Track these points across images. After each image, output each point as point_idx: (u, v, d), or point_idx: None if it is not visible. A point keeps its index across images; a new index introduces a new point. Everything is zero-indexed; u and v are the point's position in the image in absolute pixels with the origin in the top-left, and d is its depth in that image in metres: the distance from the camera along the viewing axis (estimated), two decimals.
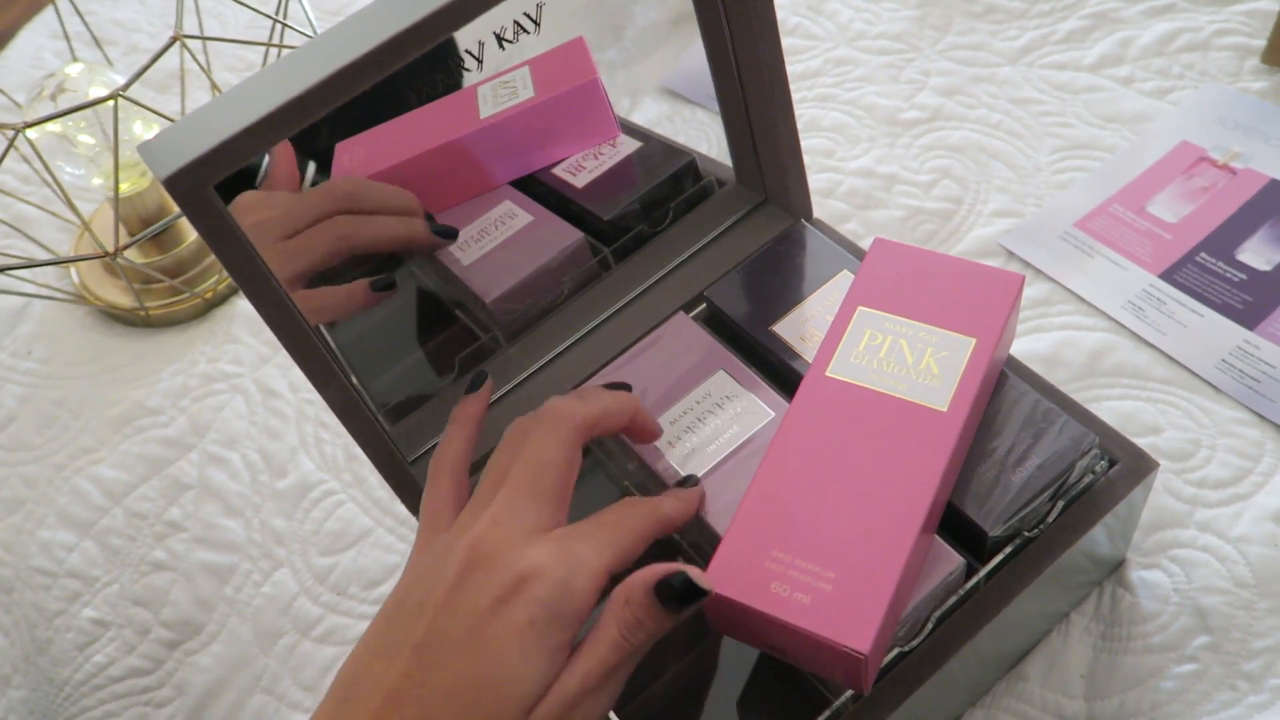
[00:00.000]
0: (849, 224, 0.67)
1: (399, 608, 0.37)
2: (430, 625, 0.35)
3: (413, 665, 0.35)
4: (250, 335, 0.70)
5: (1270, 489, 0.51)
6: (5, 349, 0.73)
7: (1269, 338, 0.56)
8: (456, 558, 0.36)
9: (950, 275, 0.44)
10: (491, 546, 0.36)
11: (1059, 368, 0.57)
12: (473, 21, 0.37)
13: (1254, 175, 0.64)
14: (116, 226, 0.63)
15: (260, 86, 0.36)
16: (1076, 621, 0.49)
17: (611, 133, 0.53)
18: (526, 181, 0.52)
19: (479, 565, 0.36)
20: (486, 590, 0.35)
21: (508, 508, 0.37)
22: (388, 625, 0.37)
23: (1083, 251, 0.63)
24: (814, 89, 0.75)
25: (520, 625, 0.35)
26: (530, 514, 0.37)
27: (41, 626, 0.60)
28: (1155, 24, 0.73)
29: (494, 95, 0.50)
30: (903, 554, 0.36)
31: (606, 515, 0.38)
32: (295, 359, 0.41)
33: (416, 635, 0.35)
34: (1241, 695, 0.46)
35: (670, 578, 0.35)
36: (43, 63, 0.93)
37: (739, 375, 0.46)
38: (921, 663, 0.40)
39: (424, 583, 0.37)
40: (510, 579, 0.35)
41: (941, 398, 0.40)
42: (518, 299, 0.51)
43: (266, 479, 0.63)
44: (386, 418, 0.51)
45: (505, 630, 0.35)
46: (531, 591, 0.35)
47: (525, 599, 0.35)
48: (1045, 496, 0.41)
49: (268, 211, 0.44)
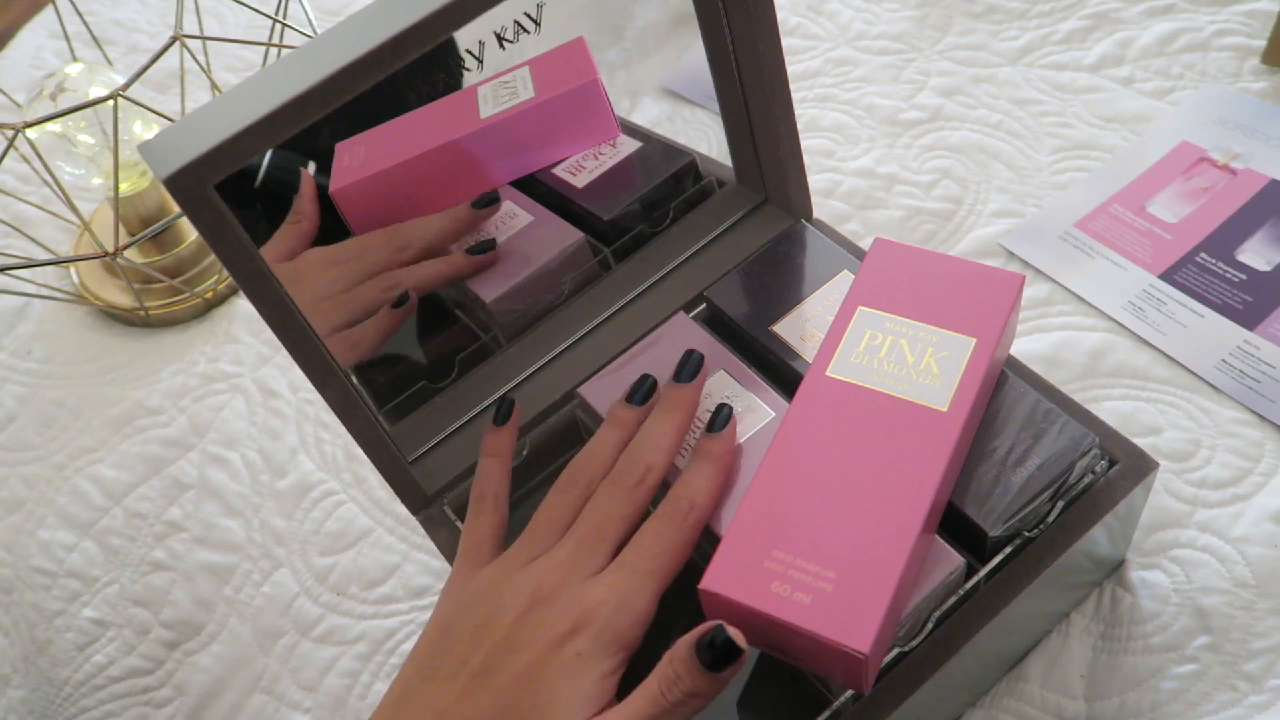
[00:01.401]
0: (849, 224, 0.67)
1: (447, 634, 0.39)
2: (488, 655, 0.38)
3: (467, 690, 0.37)
4: (250, 335, 0.70)
5: (1270, 489, 0.51)
6: (5, 349, 0.73)
7: (1269, 338, 0.56)
8: (522, 595, 0.39)
9: (950, 275, 0.44)
10: (555, 586, 0.39)
11: (1059, 368, 0.57)
12: (473, 21, 0.37)
13: (1254, 175, 0.64)
14: (116, 226, 0.63)
15: (260, 86, 0.36)
16: (1076, 621, 0.49)
17: (611, 133, 0.53)
18: (526, 181, 0.52)
19: (541, 603, 0.38)
20: (546, 629, 0.37)
21: (572, 555, 0.40)
22: (439, 651, 0.39)
23: (1083, 252, 0.63)
24: (814, 89, 0.75)
25: (570, 659, 0.37)
26: (593, 562, 0.39)
27: (41, 626, 0.60)
28: (1155, 24, 0.73)
29: (494, 95, 0.50)
30: (903, 554, 0.36)
31: (647, 538, 0.40)
32: (295, 359, 0.41)
33: (474, 664, 0.38)
34: (1241, 695, 0.46)
35: (707, 635, 0.36)
36: (43, 62, 0.93)
37: (739, 375, 0.46)
38: (921, 663, 0.40)
39: (477, 613, 0.39)
40: (569, 621, 0.37)
41: (941, 398, 0.40)
42: (518, 299, 0.51)
43: (266, 479, 0.63)
44: (386, 418, 0.51)
45: (559, 665, 0.37)
46: (586, 631, 0.37)
47: (580, 636, 0.37)
48: (1045, 496, 0.41)
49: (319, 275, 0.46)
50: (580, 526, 0.41)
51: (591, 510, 0.41)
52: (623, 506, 0.41)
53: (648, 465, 0.42)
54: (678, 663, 0.36)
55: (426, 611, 0.56)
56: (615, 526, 0.40)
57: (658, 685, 0.36)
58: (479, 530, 0.43)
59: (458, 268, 0.51)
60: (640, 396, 0.45)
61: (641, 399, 0.44)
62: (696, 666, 0.35)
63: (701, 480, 0.41)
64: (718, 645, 0.35)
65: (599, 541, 0.40)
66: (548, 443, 0.50)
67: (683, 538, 0.40)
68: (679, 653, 0.36)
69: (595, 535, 0.40)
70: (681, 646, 0.36)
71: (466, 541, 0.43)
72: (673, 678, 0.36)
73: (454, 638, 0.39)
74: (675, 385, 0.44)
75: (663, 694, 0.36)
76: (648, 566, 0.39)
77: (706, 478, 0.41)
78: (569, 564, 0.39)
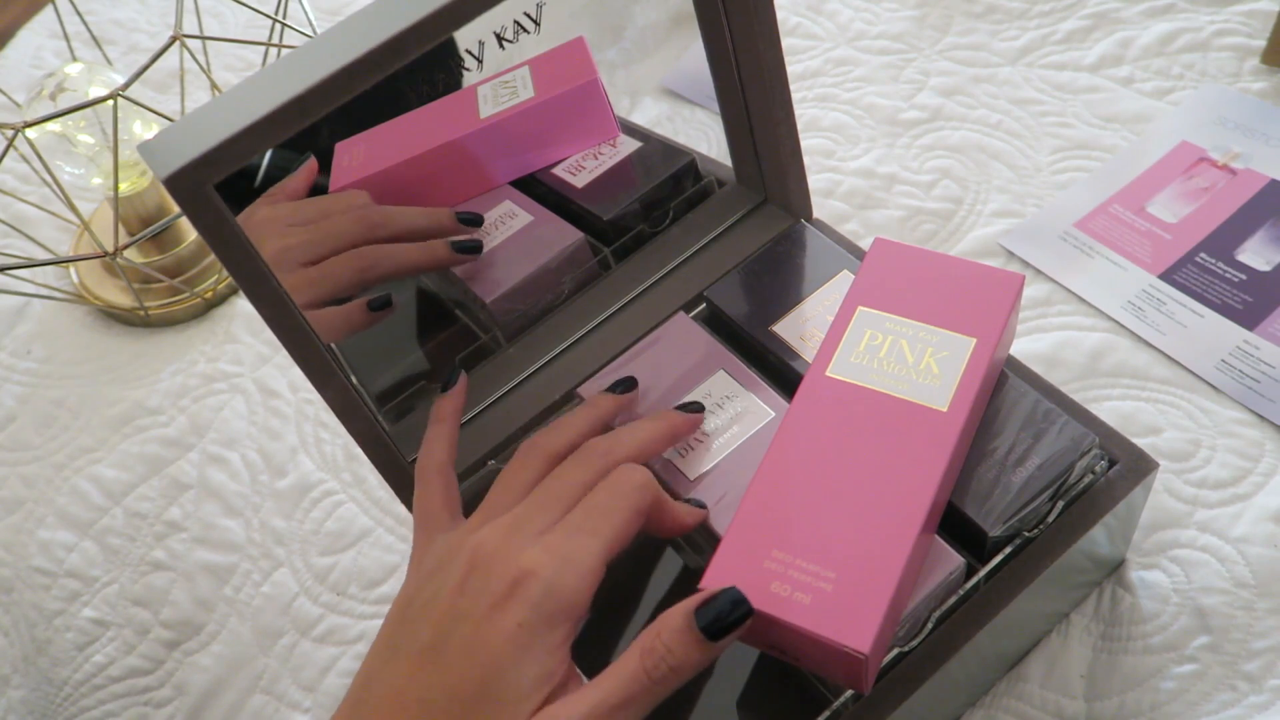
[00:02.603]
0: (849, 224, 0.67)
1: (405, 611, 0.38)
2: (435, 629, 0.36)
3: (417, 669, 0.35)
4: (250, 335, 0.70)
5: (1270, 489, 0.51)
6: (5, 349, 0.73)
7: (1269, 338, 0.56)
8: (461, 562, 0.37)
9: (950, 275, 0.44)
10: (491, 550, 0.37)
11: (1059, 368, 0.57)
12: (473, 21, 0.37)
13: (1254, 175, 0.64)
14: (116, 226, 0.63)
15: (260, 86, 0.36)
16: (1076, 621, 0.49)
17: (611, 133, 0.53)
18: (526, 181, 0.52)
19: (478, 569, 0.36)
20: (485, 594, 0.36)
21: (516, 517, 0.38)
22: (396, 629, 0.37)
23: (1083, 252, 0.63)
24: (814, 89, 0.75)
25: (511, 628, 0.35)
26: (537, 524, 0.38)
27: (41, 626, 0.60)
28: (1155, 24, 0.73)
29: (494, 95, 0.50)
30: (903, 554, 0.36)
31: (596, 496, 0.38)
32: (295, 359, 0.41)
33: (422, 640, 0.36)
34: (1241, 695, 0.46)
35: (712, 600, 0.34)
36: (42, 62, 0.93)
37: (739, 375, 0.46)
38: (921, 663, 0.40)
39: (429, 586, 0.37)
40: (505, 583, 0.36)
41: (941, 398, 0.40)
42: (518, 299, 0.51)
43: (266, 479, 0.63)
44: (386, 418, 0.51)
45: (499, 633, 0.35)
46: (524, 593, 0.35)
47: (517, 601, 0.35)
48: (1045, 496, 0.41)
49: (290, 239, 0.45)
50: (535, 492, 0.39)
51: (549, 478, 0.40)
52: (579, 474, 0.39)
53: (616, 441, 0.41)
54: (668, 634, 0.34)
55: None
56: (569, 491, 0.39)
57: (639, 661, 0.34)
58: (427, 499, 0.42)
59: (439, 258, 0.50)
60: (620, 388, 0.45)
61: (621, 390, 0.45)
62: (694, 636, 0.34)
63: (629, 431, 0.41)
64: (726, 608, 0.34)
65: (547, 506, 0.38)
66: None
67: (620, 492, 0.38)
68: (671, 623, 0.34)
69: (544, 500, 0.39)
70: (675, 616, 0.34)
71: (418, 512, 0.42)
72: (661, 651, 0.34)
73: (411, 613, 0.37)
74: (677, 410, 0.44)
75: (645, 672, 0.34)
76: (590, 525, 0.37)
77: (634, 429, 0.41)
78: (512, 526, 0.37)
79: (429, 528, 0.41)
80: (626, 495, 0.38)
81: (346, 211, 0.47)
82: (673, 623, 0.34)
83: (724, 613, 0.34)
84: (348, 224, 0.47)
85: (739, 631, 0.35)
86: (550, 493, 0.39)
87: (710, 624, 0.34)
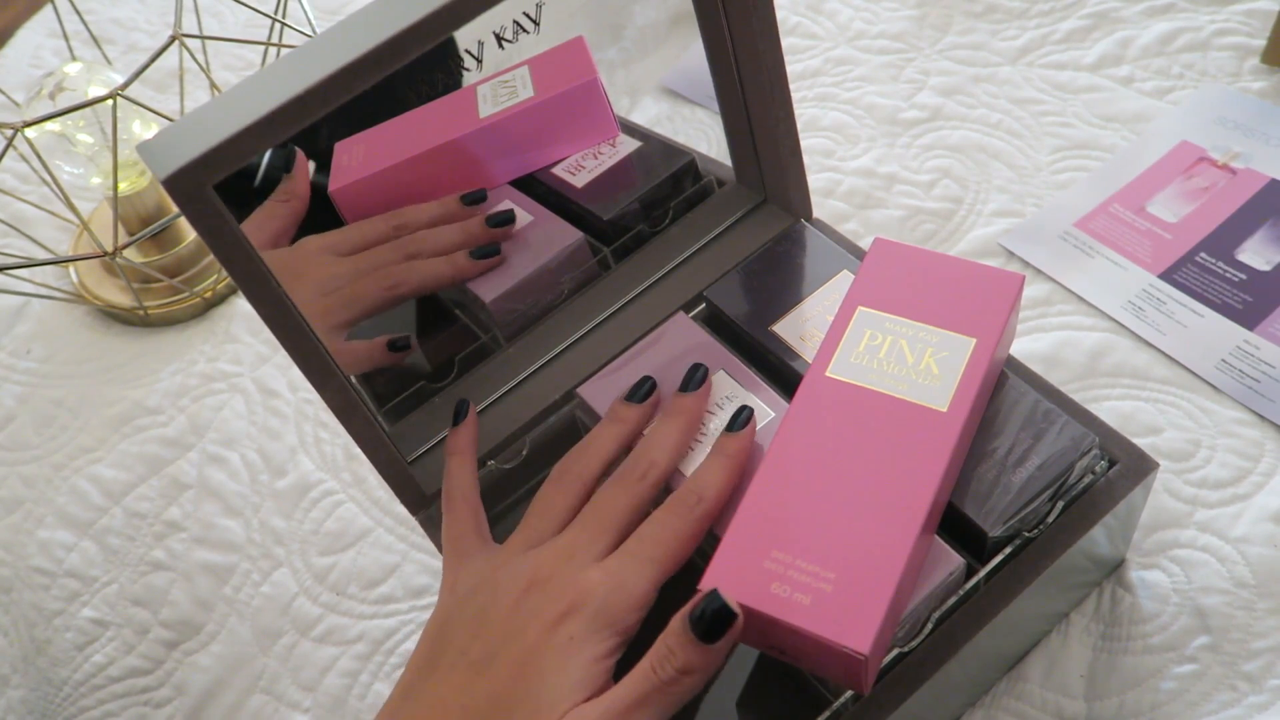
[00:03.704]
0: (849, 224, 0.67)
1: (444, 629, 0.39)
2: (486, 643, 0.37)
3: (465, 680, 0.37)
4: (250, 335, 0.70)
5: (1270, 489, 0.51)
6: (4, 348, 0.73)
7: (1269, 338, 0.56)
8: (520, 581, 0.39)
9: (950, 275, 0.44)
10: (550, 572, 0.38)
11: (1059, 368, 0.57)
12: (472, 21, 0.37)
13: (1254, 175, 0.64)
14: (115, 226, 0.63)
15: (260, 86, 0.36)
16: (1076, 621, 0.49)
17: (611, 132, 0.53)
18: (526, 181, 0.52)
19: (537, 588, 0.38)
20: (542, 613, 0.37)
21: (571, 542, 0.39)
22: (439, 644, 0.39)
23: (1083, 251, 0.63)
24: (814, 89, 0.75)
25: (563, 643, 0.36)
26: (593, 550, 0.39)
27: (40, 626, 0.60)
28: (1155, 24, 0.73)
29: (494, 95, 0.50)
30: (903, 554, 0.36)
31: (654, 527, 0.39)
32: (295, 359, 0.41)
33: (473, 654, 0.38)
34: (1241, 695, 0.46)
35: (699, 605, 0.35)
36: (41, 62, 0.93)
37: (739, 375, 0.46)
38: (921, 663, 0.40)
39: (475, 603, 0.39)
40: (563, 604, 0.37)
41: (941, 398, 0.40)
42: (518, 299, 0.51)
43: (266, 479, 0.63)
44: (386, 418, 0.51)
45: (551, 649, 0.36)
46: (578, 613, 0.37)
47: (571, 619, 0.37)
48: (1045, 497, 0.41)
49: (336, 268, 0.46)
50: (582, 517, 0.41)
51: (594, 503, 0.41)
52: (626, 499, 0.41)
53: (651, 462, 0.42)
54: (670, 637, 0.35)
55: (426, 611, 0.56)
56: (617, 517, 0.40)
57: (649, 663, 0.36)
58: (457, 526, 0.43)
59: (461, 270, 0.50)
60: (640, 395, 0.45)
61: (641, 397, 0.45)
62: (690, 639, 0.35)
63: (713, 475, 0.41)
64: (710, 613, 0.35)
65: (600, 531, 0.40)
66: (548, 443, 0.50)
67: (688, 529, 0.39)
68: (673, 627, 0.36)
69: (596, 524, 0.40)
70: (675, 621, 0.36)
71: (448, 538, 0.43)
72: (665, 653, 0.35)
73: (452, 630, 0.39)
74: (680, 394, 0.44)
75: (654, 670, 0.35)
76: (648, 553, 0.39)
77: (718, 472, 0.41)
78: (568, 550, 0.39)
79: (461, 553, 0.42)
80: (684, 524, 0.39)
81: (384, 238, 0.48)
82: (674, 626, 0.36)
83: (709, 614, 0.35)
84: (387, 252, 0.48)
85: (731, 633, 0.35)
86: (599, 519, 0.40)
87: (699, 624, 0.35)
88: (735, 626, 0.35)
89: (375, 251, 0.48)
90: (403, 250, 0.49)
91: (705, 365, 0.45)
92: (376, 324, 0.50)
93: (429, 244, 0.49)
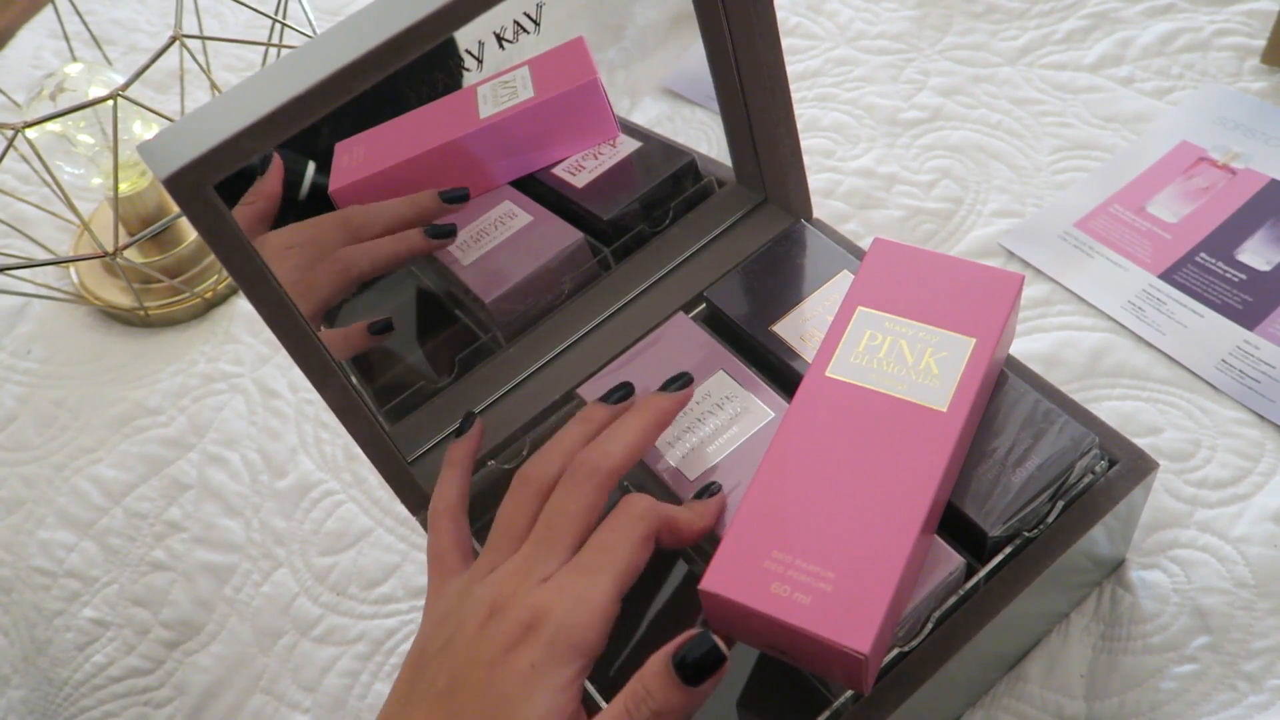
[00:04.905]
0: (849, 224, 0.67)
1: (420, 658, 0.38)
2: (450, 675, 0.37)
3: (433, 712, 0.36)
4: (250, 335, 0.70)
5: (1270, 489, 0.51)
6: (5, 349, 0.73)
7: (1269, 338, 0.56)
8: (479, 609, 0.38)
9: (950, 275, 0.44)
10: (508, 595, 0.37)
11: (1059, 368, 0.57)
12: (472, 21, 0.37)
13: (1254, 175, 0.64)
14: (116, 226, 0.63)
15: (260, 86, 0.36)
16: (1076, 621, 0.49)
17: (611, 133, 0.53)
18: (526, 181, 0.52)
19: (497, 614, 0.37)
20: (499, 638, 0.36)
21: (527, 560, 0.38)
22: (413, 675, 0.38)
23: (1083, 251, 0.63)
24: (814, 89, 0.75)
25: (524, 669, 0.35)
26: (548, 565, 0.38)
27: (41, 626, 0.60)
28: (1155, 24, 0.73)
29: (494, 95, 0.50)
30: (903, 554, 0.36)
31: (602, 534, 0.38)
32: (295, 359, 0.41)
33: (438, 686, 0.37)
34: (1241, 695, 0.46)
35: (683, 648, 0.35)
36: (42, 62, 0.93)
37: (739, 375, 0.46)
38: (921, 663, 0.40)
39: (441, 632, 0.38)
40: (519, 627, 0.36)
41: (941, 398, 0.40)
42: (517, 299, 0.51)
43: (266, 479, 0.63)
44: (386, 418, 0.51)
45: (512, 675, 0.35)
46: (536, 635, 0.36)
47: (530, 643, 0.36)
48: (1045, 496, 0.41)
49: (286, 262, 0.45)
50: (536, 529, 0.39)
51: (547, 511, 0.40)
52: (575, 502, 0.39)
53: (602, 454, 0.40)
54: (648, 678, 0.34)
55: None
56: (569, 524, 0.39)
57: (623, 704, 0.35)
58: (439, 542, 0.42)
59: (413, 246, 0.49)
60: (615, 398, 0.44)
61: (615, 400, 0.43)
62: (672, 680, 0.34)
63: (614, 436, 0.40)
64: (696, 657, 0.34)
65: (553, 543, 0.38)
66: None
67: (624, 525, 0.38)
68: (651, 667, 0.35)
69: (549, 536, 0.39)
70: (655, 661, 0.35)
71: (431, 555, 0.42)
72: (641, 694, 0.34)
73: (427, 658, 0.38)
74: (656, 393, 0.43)
75: (627, 712, 0.34)
76: (598, 562, 0.37)
77: (622, 432, 0.40)
78: (524, 569, 0.38)
79: (441, 572, 0.41)
80: (630, 527, 0.38)
81: (317, 225, 0.47)
82: (653, 666, 0.35)
83: (697, 657, 0.34)
84: (331, 233, 0.47)
85: (716, 677, 0.35)
86: (552, 530, 0.39)
87: (684, 667, 0.34)
88: (722, 670, 0.34)
89: (324, 238, 0.47)
90: (351, 227, 0.47)
91: (690, 375, 0.44)
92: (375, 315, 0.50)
93: (378, 222, 0.48)
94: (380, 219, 0.48)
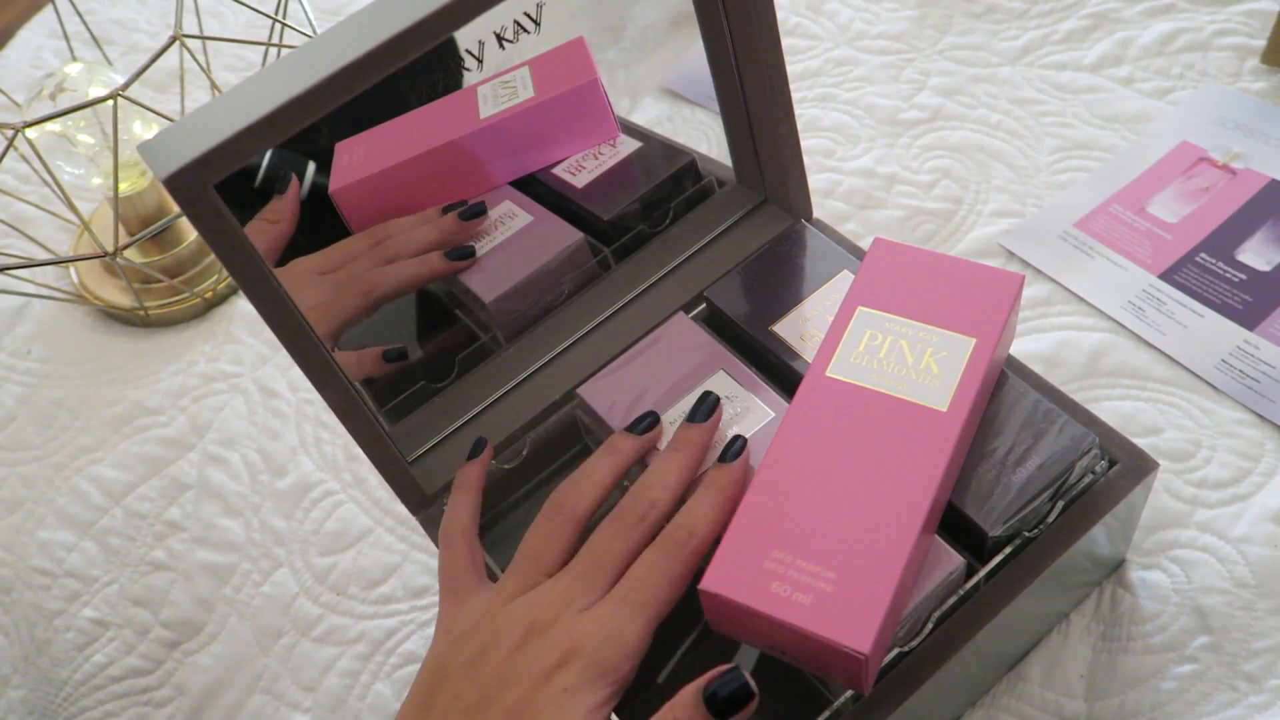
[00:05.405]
0: (849, 224, 0.67)
1: (440, 671, 0.39)
2: (481, 690, 0.37)
3: None
4: (250, 335, 0.70)
5: (1270, 489, 0.51)
6: (5, 349, 0.73)
7: (1269, 338, 0.56)
8: (518, 628, 0.38)
9: (950, 275, 0.44)
10: (549, 620, 0.38)
11: (1059, 368, 0.57)
12: (472, 21, 0.37)
13: (1254, 175, 0.64)
14: (116, 226, 0.63)
15: (260, 86, 0.36)
16: (1076, 621, 0.49)
17: (611, 133, 0.53)
18: (526, 181, 0.52)
19: (535, 636, 0.38)
20: (538, 662, 0.37)
21: (569, 589, 0.39)
22: (432, 687, 0.39)
23: (1083, 251, 0.63)
24: (814, 89, 0.75)
25: (558, 693, 0.36)
26: (588, 596, 0.39)
27: (41, 626, 0.60)
28: (1155, 24, 0.73)
29: (494, 95, 0.50)
30: (903, 554, 0.36)
31: (640, 570, 0.39)
32: (295, 359, 0.41)
33: (467, 699, 0.37)
34: (1241, 695, 0.46)
35: (716, 681, 0.35)
36: (42, 62, 0.93)
37: (739, 375, 0.46)
38: (921, 663, 0.40)
39: (471, 647, 0.39)
40: (559, 653, 0.37)
41: (941, 398, 0.40)
42: (518, 299, 0.51)
43: (266, 479, 0.63)
44: (386, 418, 0.51)
45: (546, 698, 0.36)
46: (573, 662, 0.37)
47: (567, 669, 0.37)
48: (1045, 497, 0.41)
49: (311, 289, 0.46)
50: (579, 560, 0.40)
51: (591, 545, 0.40)
52: (622, 542, 0.40)
53: (651, 502, 0.41)
54: (679, 709, 0.35)
55: (427, 611, 0.56)
56: (613, 561, 0.40)
57: None
58: (454, 564, 0.43)
59: (435, 269, 0.50)
60: (641, 428, 0.44)
61: (641, 431, 0.44)
62: (701, 714, 0.35)
63: (704, 509, 0.40)
64: (727, 693, 0.35)
65: (595, 575, 0.39)
66: (547, 443, 0.50)
67: (678, 568, 0.39)
68: (683, 699, 0.35)
69: (592, 569, 0.39)
70: (686, 693, 0.35)
71: (444, 575, 0.43)
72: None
73: (448, 673, 0.38)
74: (688, 425, 0.43)
75: None
76: (640, 598, 0.38)
77: (709, 507, 0.40)
78: (564, 597, 0.39)
79: (456, 591, 0.42)
80: (669, 565, 0.39)
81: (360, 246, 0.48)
82: (684, 698, 0.35)
83: (728, 694, 0.35)
84: (359, 257, 0.48)
85: (746, 712, 0.35)
86: (597, 564, 0.40)
87: (714, 702, 0.35)
88: (750, 706, 0.35)
89: (354, 263, 0.48)
90: (379, 256, 0.49)
91: (716, 395, 0.44)
92: (379, 325, 0.50)
93: (402, 245, 0.49)
94: (407, 243, 0.49)
